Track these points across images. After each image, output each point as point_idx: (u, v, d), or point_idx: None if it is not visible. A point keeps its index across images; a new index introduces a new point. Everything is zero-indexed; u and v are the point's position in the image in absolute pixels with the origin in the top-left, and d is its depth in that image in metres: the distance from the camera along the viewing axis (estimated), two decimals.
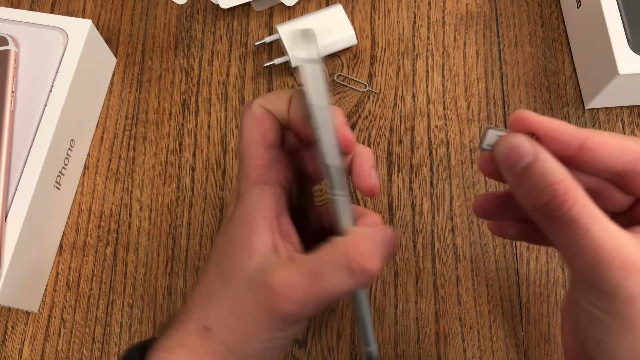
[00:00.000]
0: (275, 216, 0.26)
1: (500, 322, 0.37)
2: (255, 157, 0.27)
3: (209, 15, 0.46)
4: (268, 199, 0.26)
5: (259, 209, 0.25)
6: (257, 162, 0.27)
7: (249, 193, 0.26)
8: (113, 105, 0.44)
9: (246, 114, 0.28)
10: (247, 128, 0.28)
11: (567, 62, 0.43)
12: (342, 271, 0.23)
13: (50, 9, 0.47)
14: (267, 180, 0.26)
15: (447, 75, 0.43)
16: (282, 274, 0.24)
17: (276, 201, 0.26)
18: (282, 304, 0.23)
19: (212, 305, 0.25)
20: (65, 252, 0.40)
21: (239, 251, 0.25)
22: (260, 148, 0.27)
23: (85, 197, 0.42)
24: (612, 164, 0.23)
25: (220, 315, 0.25)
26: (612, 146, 0.23)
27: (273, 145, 0.28)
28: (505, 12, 0.45)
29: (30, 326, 0.38)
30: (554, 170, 0.22)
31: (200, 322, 0.25)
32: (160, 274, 0.39)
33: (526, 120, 0.23)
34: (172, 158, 0.42)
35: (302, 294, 0.23)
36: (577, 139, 0.23)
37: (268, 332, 0.24)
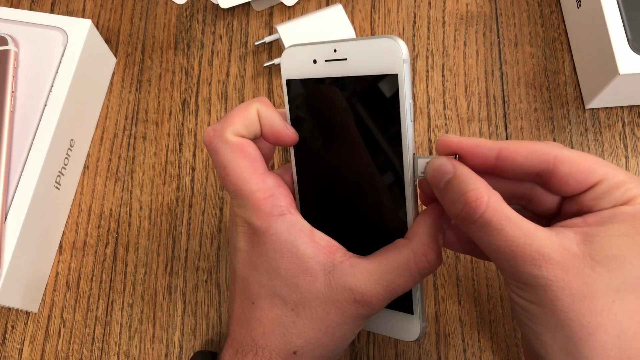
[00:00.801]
0: (311, 237, 0.27)
1: (501, 322, 0.37)
2: (257, 192, 0.27)
3: (209, 15, 0.46)
4: (297, 225, 0.27)
5: (297, 239, 0.27)
6: (262, 196, 0.27)
7: (274, 230, 0.27)
8: (113, 105, 0.44)
9: (222, 147, 0.27)
10: (232, 163, 0.27)
11: (568, 62, 0.43)
12: (415, 276, 0.26)
13: (50, 8, 0.47)
14: (282, 211, 0.27)
15: (447, 75, 0.43)
16: (363, 286, 0.26)
17: (302, 224, 0.27)
18: (371, 310, 0.27)
19: (293, 332, 0.27)
20: (65, 252, 0.40)
21: (299, 280, 0.27)
22: (257, 180, 0.27)
23: (85, 197, 0.42)
24: (529, 167, 0.25)
25: (307, 337, 0.27)
26: (524, 151, 0.25)
27: (266, 172, 0.28)
28: (505, 11, 0.45)
29: (30, 326, 0.38)
30: (469, 181, 0.25)
31: (283, 350, 0.27)
32: (160, 274, 0.39)
33: (447, 143, 0.27)
34: (172, 158, 0.42)
35: (384, 299, 0.26)
36: (493, 150, 0.26)
37: (356, 331, 0.28)
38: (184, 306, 0.38)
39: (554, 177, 0.25)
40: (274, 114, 0.28)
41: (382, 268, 0.26)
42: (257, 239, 0.27)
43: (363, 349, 0.37)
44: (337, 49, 0.28)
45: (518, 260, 0.23)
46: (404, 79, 0.26)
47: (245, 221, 0.27)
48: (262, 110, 0.28)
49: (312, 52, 0.29)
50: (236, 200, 0.28)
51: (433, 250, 0.26)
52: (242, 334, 0.28)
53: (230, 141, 0.27)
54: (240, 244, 0.28)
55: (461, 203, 0.24)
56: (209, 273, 0.39)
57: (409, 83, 0.26)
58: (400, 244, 0.27)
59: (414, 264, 0.26)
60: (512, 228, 0.23)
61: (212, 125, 0.28)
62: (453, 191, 0.25)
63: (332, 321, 0.27)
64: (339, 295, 0.26)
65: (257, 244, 0.27)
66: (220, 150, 0.27)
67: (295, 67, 0.29)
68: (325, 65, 0.28)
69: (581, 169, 0.25)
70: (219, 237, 0.40)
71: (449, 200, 0.25)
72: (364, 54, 0.27)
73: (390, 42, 0.26)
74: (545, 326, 0.23)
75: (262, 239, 0.27)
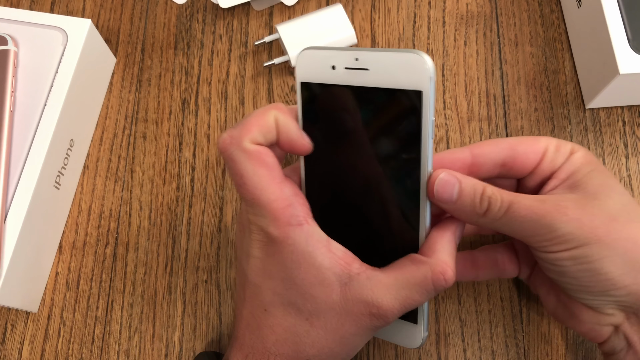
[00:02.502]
0: (327, 248, 0.27)
1: (501, 322, 0.36)
2: (275, 202, 0.27)
3: (209, 14, 0.46)
4: (314, 236, 0.27)
5: (314, 249, 0.27)
6: (280, 205, 0.27)
7: (292, 240, 0.27)
8: (113, 105, 0.44)
9: (239, 156, 0.27)
10: (249, 172, 0.27)
11: (568, 61, 0.43)
12: (430, 293, 0.27)
13: (49, 8, 0.47)
14: (300, 221, 0.27)
15: (448, 75, 0.43)
16: (380, 300, 0.27)
17: (319, 234, 0.28)
18: (385, 322, 0.27)
19: (306, 342, 0.27)
20: (64, 252, 0.40)
21: (315, 290, 0.27)
22: (275, 189, 0.27)
23: (85, 197, 0.42)
24: (496, 156, 0.30)
25: (320, 347, 0.28)
26: (490, 145, 0.30)
27: (283, 181, 0.27)
28: (505, 11, 0.45)
29: (29, 326, 0.38)
30: (476, 185, 0.28)
31: (296, 359, 0.28)
32: (160, 274, 0.39)
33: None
34: (172, 158, 0.42)
35: (398, 313, 0.27)
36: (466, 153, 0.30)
37: (367, 340, 0.29)
38: (184, 306, 0.38)
39: (517, 158, 0.30)
40: (291, 123, 0.28)
41: (399, 283, 0.27)
42: (274, 248, 0.27)
43: (363, 349, 0.36)
44: (358, 57, 0.27)
45: (547, 218, 0.26)
46: (429, 97, 0.26)
47: (261, 229, 0.27)
48: (280, 118, 0.28)
49: (331, 58, 0.28)
50: (252, 208, 0.27)
51: (451, 268, 0.27)
52: (253, 340, 0.28)
53: (248, 149, 0.27)
54: (254, 252, 0.28)
55: (484, 203, 0.27)
56: (209, 273, 0.39)
57: (433, 101, 0.26)
58: (418, 260, 0.27)
59: (431, 282, 0.27)
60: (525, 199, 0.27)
61: (227, 131, 0.28)
62: (469, 199, 0.28)
63: (346, 332, 0.27)
64: (355, 307, 0.27)
65: (273, 253, 0.27)
66: (237, 158, 0.27)
67: (312, 71, 0.28)
68: (345, 73, 0.28)
69: (530, 142, 0.30)
70: (219, 237, 0.40)
71: (468, 206, 0.28)
72: (387, 67, 0.26)
73: (417, 58, 0.26)
74: (599, 257, 0.27)
75: (278, 248, 0.27)
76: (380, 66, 0.27)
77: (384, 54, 0.27)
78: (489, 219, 0.28)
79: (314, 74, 0.28)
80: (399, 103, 0.27)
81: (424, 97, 0.26)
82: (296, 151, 0.29)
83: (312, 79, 0.29)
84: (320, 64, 0.28)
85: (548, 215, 0.27)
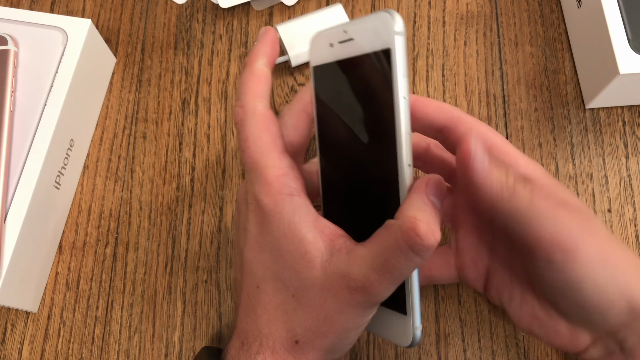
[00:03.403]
0: (314, 222, 0.27)
1: (501, 322, 0.36)
2: (272, 168, 0.27)
3: (209, 14, 0.46)
4: (303, 208, 0.27)
5: (300, 221, 0.26)
6: (276, 173, 0.27)
7: (280, 208, 0.27)
8: (113, 105, 0.44)
9: (249, 120, 0.28)
10: (254, 135, 0.27)
11: (568, 61, 0.43)
12: (408, 255, 0.24)
13: (49, 8, 0.47)
14: (292, 191, 0.27)
15: (448, 75, 0.43)
16: (356, 272, 0.25)
17: (309, 208, 0.27)
18: (369, 297, 0.25)
19: (294, 320, 0.27)
20: (64, 252, 0.40)
21: (298, 264, 0.26)
22: (274, 157, 0.27)
23: (85, 197, 0.42)
24: (435, 120, 0.29)
25: (307, 326, 0.26)
26: (434, 105, 0.29)
27: (284, 152, 0.28)
28: (505, 11, 0.45)
29: (29, 326, 0.38)
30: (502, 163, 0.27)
31: (286, 338, 0.27)
32: (160, 274, 0.39)
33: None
34: (172, 158, 0.42)
35: (379, 284, 0.25)
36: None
37: (358, 322, 0.27)
38: (184, 306, 0.38)
39: (453, 134, 0.29)
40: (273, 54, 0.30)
41: (374, 251, 0.25)
42: (265, 218, 0.27)
43: (363, 350, 0.36)
44: (346, 29, 0.28)
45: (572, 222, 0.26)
46: (396, 53, 0.25)
47: (254, 198, 0.27)
48: (268, 64, 0.30)
49: (329, 36, 0.29)
50: (249, 174, 0.28)
51: (421, 221, 0.24)
52: (249, 323, 0.28)
53: (258, 112, 0.28)
54: (250, 226, 0.28)
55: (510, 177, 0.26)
56: (209, 273, 0.39)
57: (404, 57, 0.25)
58: (389, 224, 0.25)
59: (402, 241, 0.24)
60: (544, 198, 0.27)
61: (236, 103, 0.29)
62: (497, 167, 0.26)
63: (329, 309, 0.26)
64: (334, 282, 0.26)
65: (264, 222, 0.27)
66: (247, 122, 0.28)
67: (318, 53, 0.30)
68: (339, 48, 0.28)
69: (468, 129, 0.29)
70: (219, 237, 0.40)
71: (499, 176, 0.26)
72: (365, 32, 0.27)
73: (383, 16, 0.25)
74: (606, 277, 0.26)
75: (268, 218, 0.27)
76: (361, 33, 0.27)
77: (361, 19, 0.27)
78: (513, 204, 0.26)
79: (319, 56, 0.30)
80: (375, 66, 0.27)
81: (392, 54, 0.25)
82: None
83: (319, 61, 0.30)
84: (323, 45, 0.29)
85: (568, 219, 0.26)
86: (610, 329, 0.28)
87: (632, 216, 0.39)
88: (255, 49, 0.31)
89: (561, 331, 0.29)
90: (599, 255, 0.26)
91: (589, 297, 0.27)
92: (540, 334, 0.30)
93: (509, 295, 0.31)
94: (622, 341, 0.29)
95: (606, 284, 0.26)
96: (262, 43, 0.31)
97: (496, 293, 0.31)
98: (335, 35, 0.29)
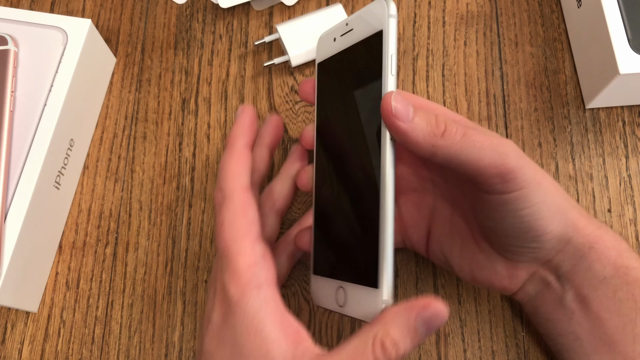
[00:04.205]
0: (280, 319, 0.26)
1: (501, 322, 0.36)
2: (243, 256, 0.26)
3: (209, 14, 0.46)
4: (270, 303, 0.26)
5: (266, 317, 0.26)
6: (246, 262, 0.26)
7: (247, 300, 0.26)
8: (113, 105, 0.44)
9: (227, 204, 0.28)
10: (230, 220, 0.27)
11: (568, 61, 0.43)
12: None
13: (49, 8, 0.47)
14: (261, 282, 0.26)
15: (448, 75, 0.43)
16: None
17: (276, 303, 0.26)
18: None
19: None
20: (64, 252, 0.40)
21: None
22: (247, 244, 0.27)
23: (85, 196, 0.42)
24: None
25: None
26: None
27: (258, 238, 0.27)
28: (505, 11, 0.45)
29: (29, 326, 0.38)
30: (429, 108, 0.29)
31: None
32: (160, 274, 0.39)
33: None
34: (172, 158, 0.42)
35: None
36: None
37: None
38: (184, 306, 0.38)
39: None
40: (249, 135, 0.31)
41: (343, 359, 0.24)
42: (229, 309, 0.26)
43: None
44: (348, 22, 0.30)
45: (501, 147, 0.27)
46: (388, 33, 0.27)
47: (223, 286, 0.27)
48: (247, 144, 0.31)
49: (333, 32, 0.31)
50: (221, 260, 0.27)
51: (399, 348, 0.24)
52: None
53: (236, 197, 0.28)
54: (214, 316, 0.27)
55: (440, 123, 0.27)
56: (209, 273, 0.39)
57: (395, 37, 0.27)
58: (363, 332, 0.25)
59: (370, 353, 0.24)
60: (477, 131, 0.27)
61: (216, 187, 0.29)
62: (424, 115, 0.27)
63: None
64: None
65: (228, 314, 0.26)
66: (224, 207, 0.28)
67: (323, 51, 0.32)
68: (340, 40, 0.31)
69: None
70: None
71: (425, 124, 0.26)
72: (362, 20, 0.29)
73: (380, 2, 0.28)
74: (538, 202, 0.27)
75: (233, 310, 0.26)
76: (359, 22, 0.29)
77: (360, 10, 0.29)
78: (448, 141, 0.26)
79: (324, 52, 0.32)
80: (368, 49, 0.28)
81: (383, 34, 0.27)
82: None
83: (322, 57, 0.32)
84: (327, 42, 0.32)
85: (501, 145, 0.27)
86: (545, 257, 0.30)
87: (632, 216, 0.39)
88: (234, 130, 0.31)
89: (500, 271, 0.31)
90: (534, 178, 0.27)
91: (526, 219, 0.28)
92: (481, 278, 0.32)
93: (450, 245, 0.33)
94: (557, 268, 0.30)
95: (542, 205, 0.27)
96: (239, 124, 0.31)
97: (438, 247, 0.33)
98: (338, 30, 0.31)
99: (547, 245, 0.29)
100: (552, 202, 0.28)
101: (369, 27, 0.28)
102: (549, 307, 0.31)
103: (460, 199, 0.33)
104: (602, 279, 0.29)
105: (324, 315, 0.37)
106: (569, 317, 0.30)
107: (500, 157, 0.26)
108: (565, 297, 0.30)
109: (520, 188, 0.27)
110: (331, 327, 0.37)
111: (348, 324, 0.37)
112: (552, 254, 0.30)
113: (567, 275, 0.30)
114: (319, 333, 0.37)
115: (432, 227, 0.34)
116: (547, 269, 0.31)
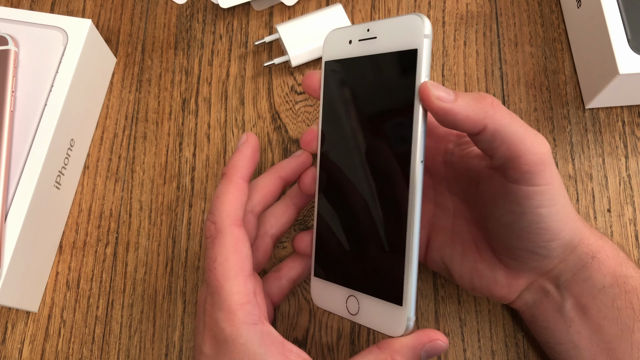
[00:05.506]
0: (281, 351, 0.26)
1: (501, 322, 0.37)
2: (236, 295, 0.26)
3: (209, 14, 0.46)
4: (269, 335, 0.26)
5: (266, 352, 0.26)
6: (240, 300, 0.26)
7: (244, 339, 0.26)
8: (113, 105, 0.44)
9: (219, 240, 0.27)
10: (222, 257, 0.27)
11: (567, 61, 0.43)
12: None
13: (50, 8, 0.47)
14: (255, 320, 0.26)
15: (447, 75, 0.43)
16: None
17: (274, 335, 0.27)
18: None
19: None
20: (65, 252, 0.40)
21: None
22: (239, 282, 0.27)
23: (85, 196, 0.42)
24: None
25: None
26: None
27: (250, 275, 0.27)
28: (505, 11, 0.45)
29: (30, 326, 0.38)
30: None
31: None
32: (160, 274, 0.39)
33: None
34: (172, 158, 0.42)
35: None
36: None
37: None
38: (184, 306, 0.38)
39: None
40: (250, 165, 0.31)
41: None
42: (225, 347, 0.26)
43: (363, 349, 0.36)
44: (370, 28, 0.29)
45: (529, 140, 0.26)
46: (422, 54, 0.26)
47: (216, 324, 0.27)
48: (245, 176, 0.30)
49: (349, 34, 0.30)
50: (212, 297, 0.27)
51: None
52: None
53: (229, 232, 0.28)
54: (206, 349, 0.27)
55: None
56: None
57: (429, 58, 0.26)
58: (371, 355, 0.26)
59: None
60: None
61: (209, 216, 0.29)
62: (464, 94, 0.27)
63: None
64: None
65: (224, 352, 0.26)
66: (217, 241, 0.28)
67: (334, 49, 0.31)
68: (358, 45, 0.29)
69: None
70: None
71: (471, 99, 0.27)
72: (391, 32, 0.28)
73: (413, 18, 0.27)
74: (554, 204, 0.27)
75: (229, 348, 0.26)
76: (386, 32, 0.28)
77: (388, 20, 0.28)
78: (499, 113, 0.27)
79: (335, 52, 0.31)
80: (398, 65, 0.27)
81: (418, 55, 0.26)
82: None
83: (333, 56, 0.31)
84: (340, 42, 0.30)
85: (540, 136, 0.27)
86: (548, 267, 0.30)
87: (632, 216, 0.39)
88: (234, 160, 0.31)
89: (500, 280, 0.31)
90: (558, 179, 0.28)
91: (544, 219, 0.28)
92: (480, 286, 0.32)
93: (451, 254, 0.33)
94: (557, 277, 0.30)
95: (560, 207, 0.28)
96: (241, 153, 0.31)
97: (438, 255, 0.33)
98: (356, 33, 0.30)
99: (553, 253, 0.29)
100: (568, 207, 0.28)
101: (399, 41, 0.27)
102: (547, 316, 0.31)
103: (463, 207, 0.33)
104: (602, 288, 0.29)
105: (324, 315, 0.37)
106: (567, 325, 0.30)
107: (540, 145, 0.27)
108: (564, 305, 0.30)
109: (547, 183, 0.27)
110: (331, 327, 0.37)
111: (348, 324, 0.37)
112: (554, 263, 0.30)
113: (566, 284, 0.30)
114: (319, 333, 0.37)
115: (431, 235, 0.34)
116: (547, 278, 0.31)
